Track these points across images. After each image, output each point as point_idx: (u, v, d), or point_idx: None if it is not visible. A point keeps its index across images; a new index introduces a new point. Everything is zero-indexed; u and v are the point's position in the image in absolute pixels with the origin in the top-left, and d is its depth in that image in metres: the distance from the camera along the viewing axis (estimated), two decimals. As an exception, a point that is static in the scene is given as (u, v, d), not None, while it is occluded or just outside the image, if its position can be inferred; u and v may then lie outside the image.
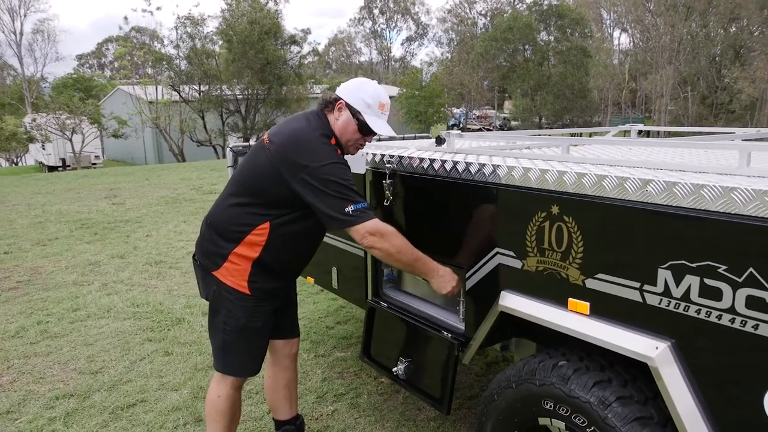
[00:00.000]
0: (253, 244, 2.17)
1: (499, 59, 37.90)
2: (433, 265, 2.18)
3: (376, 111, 2.21)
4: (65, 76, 31.61)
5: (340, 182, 2.04)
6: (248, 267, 2.18)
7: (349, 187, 2.06)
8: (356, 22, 63.44)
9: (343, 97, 2.20)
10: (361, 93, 2.20)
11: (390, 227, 2.11)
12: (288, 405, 2.60)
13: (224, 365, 2.31)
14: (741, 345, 1.36)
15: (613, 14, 44.96)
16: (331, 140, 2.16)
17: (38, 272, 5.72)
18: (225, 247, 2.19)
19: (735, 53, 31.78)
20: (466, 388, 3.31)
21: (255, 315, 2.24)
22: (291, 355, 2.58)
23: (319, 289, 4.94)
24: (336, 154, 2.13)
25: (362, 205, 2.06)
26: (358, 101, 2.18)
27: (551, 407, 1.78)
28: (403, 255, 2.12)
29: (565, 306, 1.77)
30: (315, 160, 2.05)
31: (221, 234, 2.22)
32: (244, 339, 2.27)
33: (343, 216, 2.03)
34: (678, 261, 1.46)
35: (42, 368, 3.61)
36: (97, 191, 11.32)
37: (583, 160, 1.92)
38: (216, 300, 2.25)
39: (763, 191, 1.29)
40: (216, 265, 2.21)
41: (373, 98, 2.19)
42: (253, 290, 2.20)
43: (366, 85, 2.24)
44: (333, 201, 2.04)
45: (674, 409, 1.48)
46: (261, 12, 25.01)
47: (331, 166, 2.06)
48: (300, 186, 2.06)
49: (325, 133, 2.15)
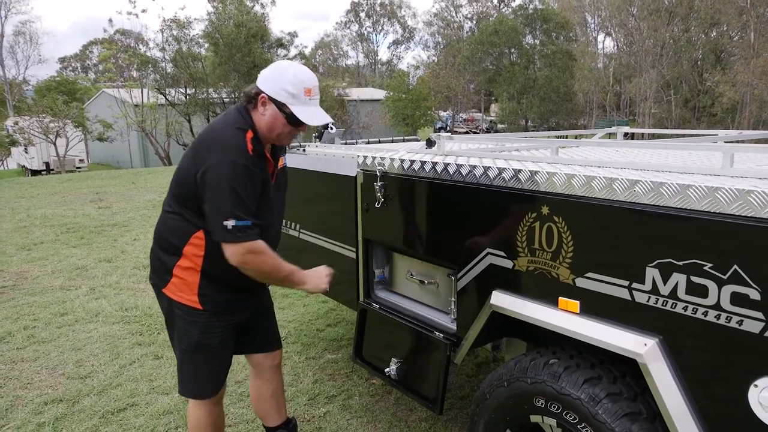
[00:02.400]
0: (193, 255, 2.02)
1: (486, 63, 38.17)
2: (301, 274, 2.11)
3: (303, 99, 1.95)
4: (48, 78, 31.22)
5: (228, 188, 1.84)
6: (196, 279, 2.04)
7: (238, 196, 1.85)
8: (343, 26, 63.50)
9: (264, 89, 1.95)
10: (281, 82, 1.94)
11: (265, 245, 1.95)
12: (277, 412, 2.50)
13: (184, 387, 2.18)
14: (726, 341, 1.40)
15: (597, 18, 45.54)
16: (247, 133, 1.94)
17: (24, 277, 5.65)
18: (168, 261, 2.06)
19: (716, 57, 32.34)
20: (457, 388, 3.34)
21: (209, 331, 2.09)
22: (274, 366, 2.45)
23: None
24: (242, 152, 1.90)
25: (245, 223, 1.87)
26: (280, 92, 1.93)
27: (543, 405, 1.81)
28: (279, 270, 2.02)
29: (556, 305, 1.80)
30: (213, 156, 1.87)
31: (163, 247, 2.09)
32: (199, 358, 2.12)
33: (221, 230, 1.86)
34: (665, 259, 1.50)
35: (29, 373, 3.57)
36: (82, 195, 11.20)
37: (572, 162, 1.96)
38: (169, 318, 2.15)
39: (746, 191, 1.33)
40: (164, 282, 2.09)
41: (295, 85, 1.93)
42: (204, 304, 2.06)
43: (285, 71, 1.98)
44: (216, 208, 1.86)
45: (663, 405, 1.52)
46: (247, 15, 24.97)
47: (226, 166, 1.85)
48: (200, 184, 1.89)
49: (240, 127, 1.95)
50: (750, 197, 1.33)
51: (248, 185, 1.90)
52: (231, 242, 1.88)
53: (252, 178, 1.92)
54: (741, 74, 27.73)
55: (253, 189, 1.94)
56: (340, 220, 2.88)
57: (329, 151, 3.16)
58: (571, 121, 36.17)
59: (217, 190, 1.86)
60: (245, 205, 1.88)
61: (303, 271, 2.13)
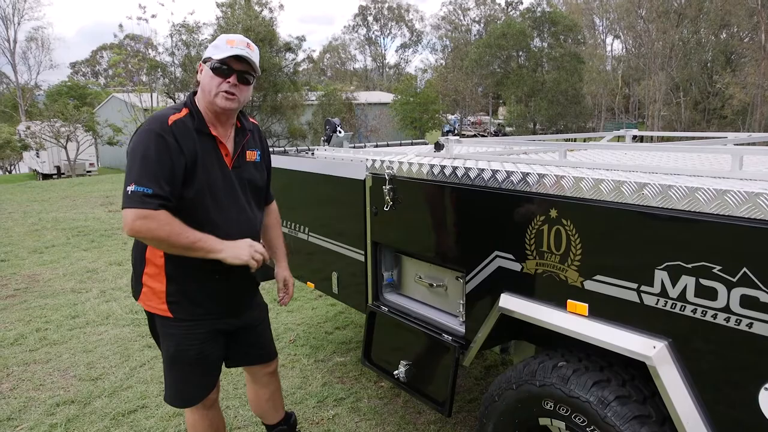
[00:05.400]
0: (155, 258, 1.99)
1: (493, 66, 38.11)
2: (213, 242, 1.91)
3: (225, 47, 1.93)
4: (59, 83, 31.58)
5: (137, 155, 1.81)
6: (162, 287, 2.00)
7: (144, 163, 1.79)
8: (351, 29, 63.71)
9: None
10: (210, 46, 1.98)
11: (166, 214, 1.81)
12: (275, 411, 2.53)
13: (165, 394, 2.18)
14: (736, 343, 1.39)
15: (606, 21, 45.40)
16: (180, 112, 1.93)
17: (36, 280, 5.71)
18: (138, 270, 2.05)
19: (726, 59, 32.10)
20: (465, 391, 3.34)
21: (185, 342, 2.04)
22: (270, 372, 2.44)
23: (317, 294, 4.96)
24: (159, 123, 1.87)
25: (145, 190, 1.78)
26: (207, 53, 1.97)
27: (551, 407, 1.81)
28: (178, 238, 1.84)
29: (564, 307, 1.80)
30: (136, 131, 1.86)
31: (133, 256, 2.09)
32: (177, 369, 2.09)
33: (124, 197, 1.80)
34: (674, 262, 1.50)
35: (42, 375, 3.62)
36: (92, 199, 11.31)
37: (580, 165, 1.96)
38: (152, 330, 2.17)
39: (755, 193, 1.33)
40: (138, 293, 2.08)
41: (219, 40, 1.96)
42: (174, 312, 2.02)
43: (217, 39, 2.01)
44: (126, 176, 1.81)
45: (672, 407, 1.52)
46: (256, 20, 25.08)
47: (141, 134, 1.85)
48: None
49: (175, 107, 1.96)
50: (759, 200, 1.33)
51: (160, 153, 1.82)
52: (126, 207, 1.79)
53: (165, 147, 1.84)
54: (752, 76, 27.52)
55: (167, 158, 1.84)
56: (348, 223, 2.89)
57: (338, 154, 3.18)
58: (580, 124, 35.98)
59: (129, 158, 1.84)
60: (150, 173, 1.80)
61: (219, 240, 1.93)
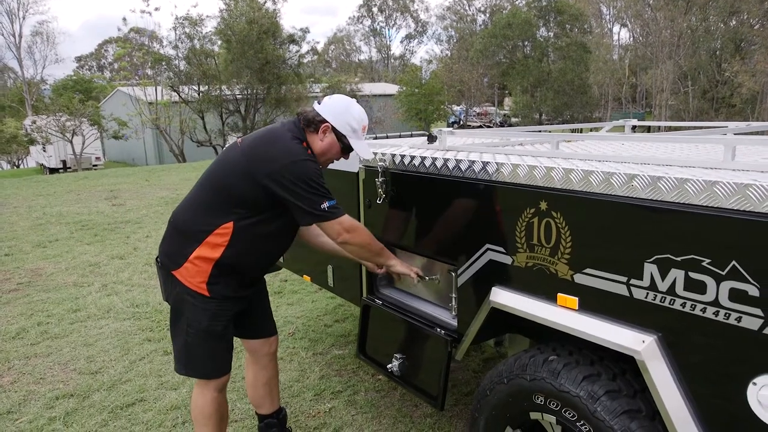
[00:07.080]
0: (215, 245, 2.15)
1: (499, 56, 37.85)
2: (389, 253, 2.41)
3: (360, 134, 2.27)
4: (65, 78, 31.60)
5: (314, 179, 2.08)
6: (209, 269, 2.16)
7: (322, 185, 2.11)
8: (355, 21, 63.42)
9: (330, 120, 2.21)
10: (347, 117, 2.22)
11: (358, 222, 2.23)
12: (269, 400, 2.64)
13: (188, 368, 2.29)
14: (725, 338, 1.37)
15: (613, 9, 44.84)
16: (303, 143, 2.19)
17: (39, 274, 5.74)
18: (187, 247, 2.17)
19: (735, 47, 31.66)
20: (463, 384, 3.33)
21: (217, 318, 2.22)
22: (270, 353, 2.59)
23: (317, 287, 4.96)
24: (307, 153, 2.16)
25: (334, 203, 2.13)
26: (344, 126, 2.22)
27: (542, 402, 1.79)
28: (372, 247, 2.29)
29: (555, 301, 1.78)
30: (288, 157, 2.09)
31: (183, 234, 2.21)
32: (209, 342, 2.25)
33: (319, 212, 2.09)
34: (663, 255, 1.47)
35: (42, 369, 3.64)
36: (97, 193, 11.35)
37: (572, 156, 1.93)
38: (178, 302, 2.24)
39: (744, 184, 1.30)
40: (177, 265, 2.19)
41: (358, 122, 2.24)
42: (212, 292, 2.18)
43: (351, 107, 2.26)
44: (308, 197, 2.07)
45: (660, 402, 1.50)
46: (259, 11, 24.96)
47: (304, 163, 2.10)
48: (271, 182, 2.06)
49: (297, 137, 2.18)
50: (748, 191, 1.30)
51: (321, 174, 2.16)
52: (329, 220, 2.12)
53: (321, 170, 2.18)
54: (761, 64, 27.12)
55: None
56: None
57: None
58: (586, 114, 35.70)
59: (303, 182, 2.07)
60: (327, 189, 2.14)
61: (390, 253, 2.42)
